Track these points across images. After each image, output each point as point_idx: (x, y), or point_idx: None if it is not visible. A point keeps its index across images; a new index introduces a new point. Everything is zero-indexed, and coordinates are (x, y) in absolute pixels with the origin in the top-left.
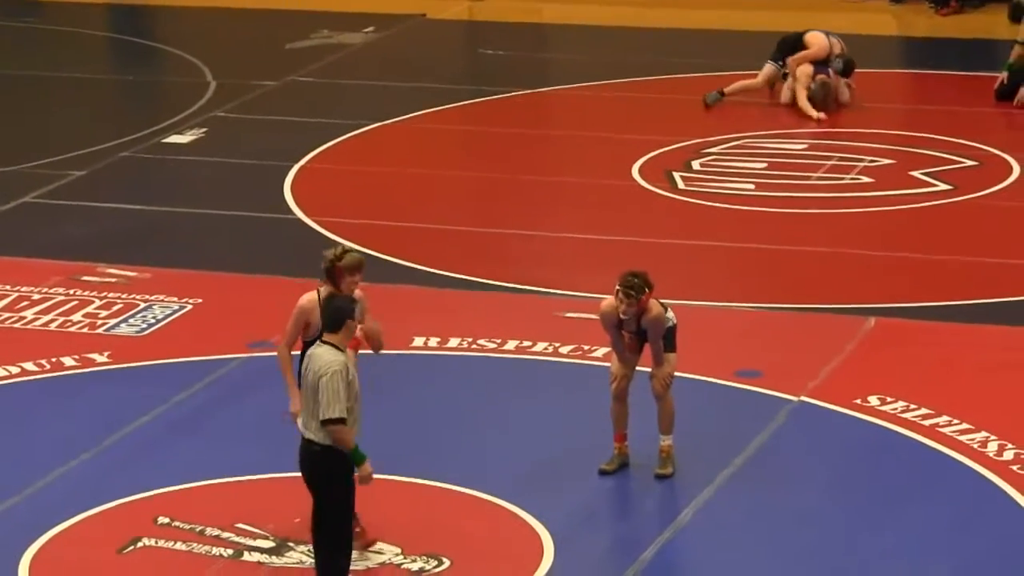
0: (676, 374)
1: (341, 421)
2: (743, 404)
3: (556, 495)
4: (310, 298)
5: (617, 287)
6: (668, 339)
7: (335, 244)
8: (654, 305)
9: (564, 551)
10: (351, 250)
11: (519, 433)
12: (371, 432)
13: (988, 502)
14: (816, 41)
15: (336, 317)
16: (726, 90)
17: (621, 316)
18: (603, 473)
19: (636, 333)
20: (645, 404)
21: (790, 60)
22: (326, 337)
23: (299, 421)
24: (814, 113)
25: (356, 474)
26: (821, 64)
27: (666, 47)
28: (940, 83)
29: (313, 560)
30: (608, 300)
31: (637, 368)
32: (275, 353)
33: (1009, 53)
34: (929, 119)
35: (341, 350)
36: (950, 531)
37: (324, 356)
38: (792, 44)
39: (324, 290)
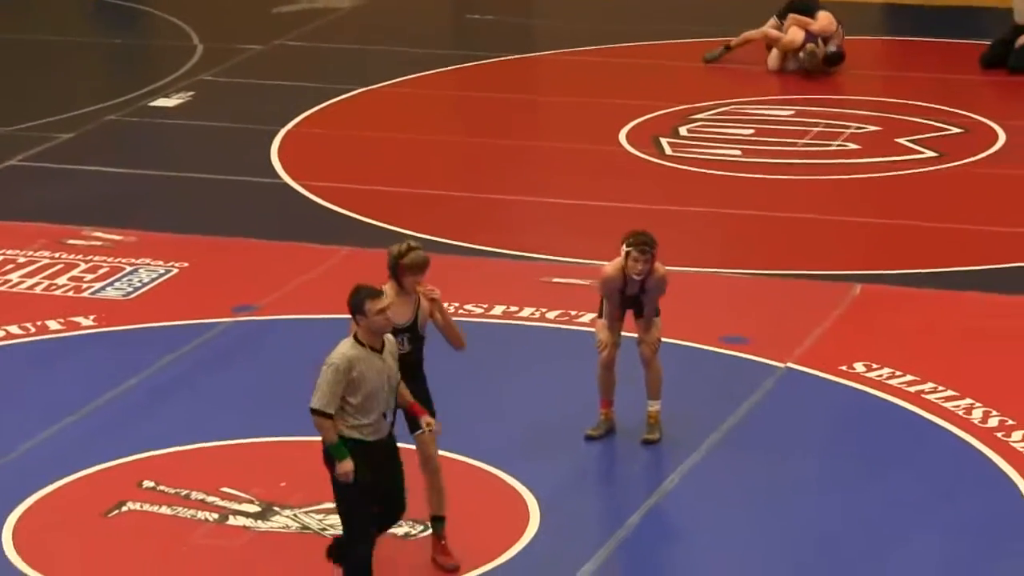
0: (669, 340)
1: (323, 414)
2: (729, 370)
3: (543, 461)
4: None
5: (628, 247)
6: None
7: (402, 239)
8: (659, 264)
9: (550, 516)
10: (416, 247)
11: (505, 399)
12: None
13: (973, 469)
14: (825, 19)
15: (350, 307)
16: (732, 43)
17: (635, 276)
18: (589, 439)
19: (634, 297)
20: (631, 370)
21: (790, 16)
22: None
23: None
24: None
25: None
26: (812, 38)
27: (654, 12)
28: (927, 50)
29: (298, 524)
30: (614, 264)
31: (621, 334)
32: (260, 317)
33: (994, 20)
34: (916, 86)
35: (360, 343)
36: (935, 498)
37: (337, 347)
38: (801, 9)
39: (389, 287)
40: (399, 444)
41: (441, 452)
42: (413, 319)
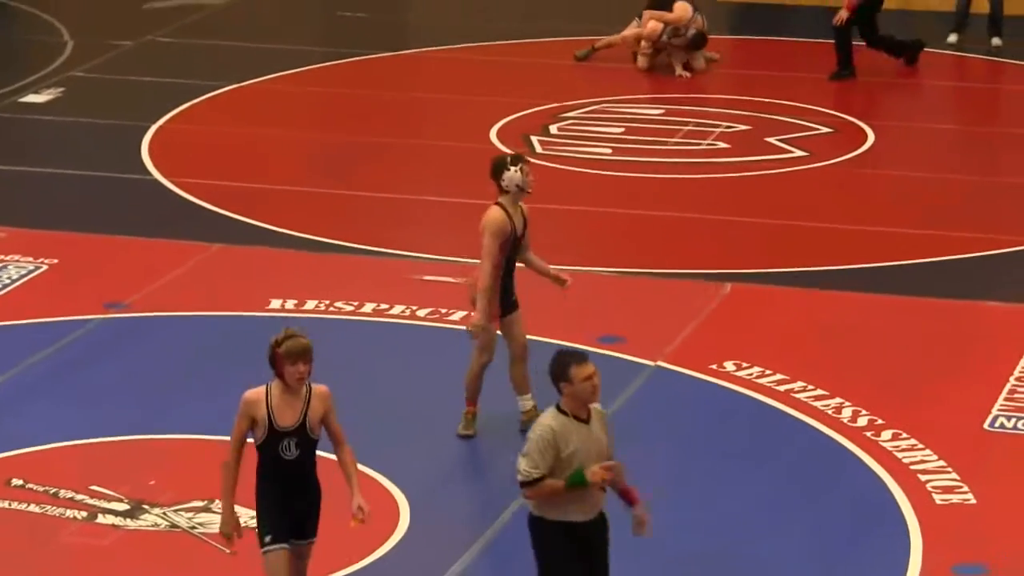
0: (540, 339)
1: (535, 482)
2: (601, 369)
3: (412, 458)
4: (256, 392)
5: (514, 164)
6: None
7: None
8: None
9: (420, 514)
10: (294, 333)
11: (375, 396)
12: (228, 395)
13: (842, 467)
14: (681, 9)
15: (552, 375)
16: (596, 45)
17: (529, 191)
18: (462, 437)
19: (520, 238)
20: (497, 366)
21: (645, 13)
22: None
23: None
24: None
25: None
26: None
27: (527, 10)
28: (797, 50)
29: (167, 522)
30: (497, 212)
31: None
32: (131, 315)
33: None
34: (785, 86)
35: (564, 412)
36: (804, 496)
37: (540, 418)
38: (660, 4)
39: (275, 385)
40: None
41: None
42: (300, 421)
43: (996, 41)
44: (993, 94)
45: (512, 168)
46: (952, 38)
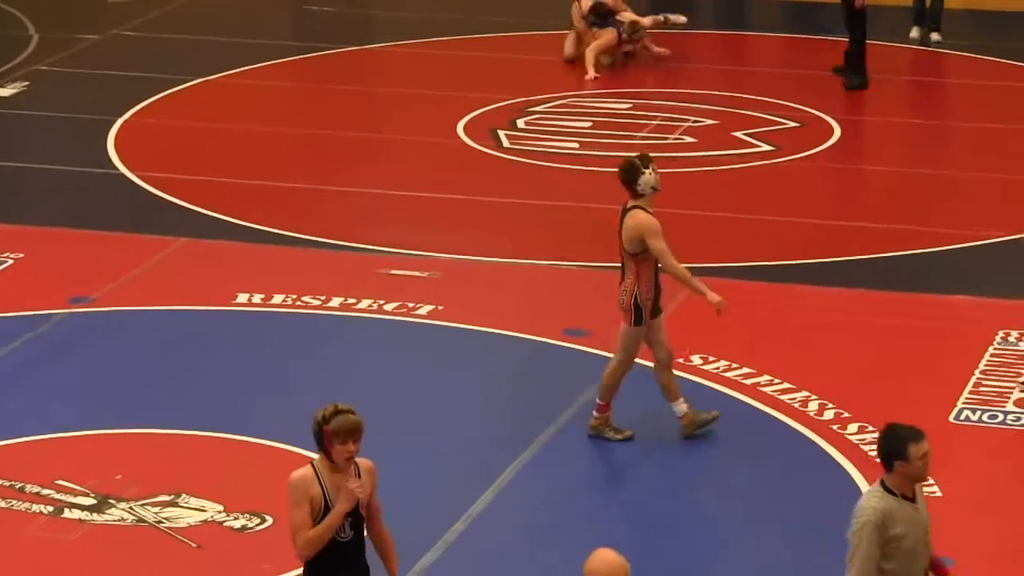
0: (506, 333)
1: None
2: (569, 363)
3: (380, 453)
4: (304, 473)
5: (646, 166)
6: None
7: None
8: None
9: (384, 510)
10: (344, 409)
11: (342, 390)
12: (195, 389)
13: (809, 460)
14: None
15: (885, 451)
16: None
17: (659, 188)
18: (624, 440)
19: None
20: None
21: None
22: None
23: None
24: (591, 73)
25: None
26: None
27: (494, 4)
28: (764, 44)
29: (134, 517)
30: (644, 214)
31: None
32: (97, 309)
33: (831, 15)
34: (752, 81)
35: (891, 491)
36: (771, 488)
37: (863, 499)
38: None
39: (320, 461)
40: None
41: (278, 444)
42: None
43: (935, 36)
44: (960, 89)
45: (647, 171)
46: (914, 33)
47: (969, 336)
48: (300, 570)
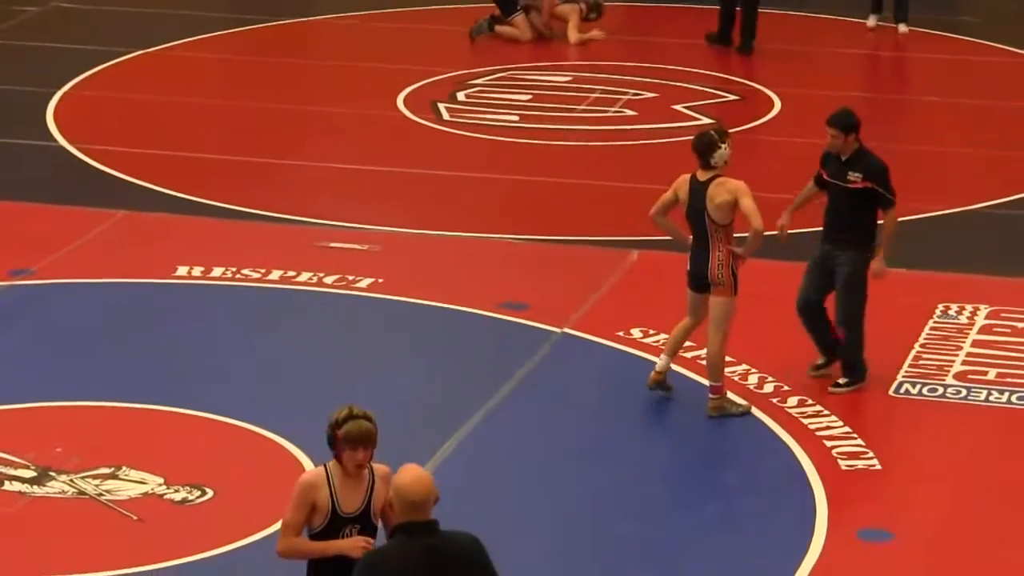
0: (443, 306)
1: None
2: (507, 336)
3: (319, 425)
4: (315, 474)
5: (723, 140)
6: None
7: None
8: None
9: None
10: (358, 415)
11: (282, 363)
12: (135, 361)
13: (748, 433)
14: None
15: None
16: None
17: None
18: (744, 414)
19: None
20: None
21: None
22: None
23: None
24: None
25: None
26: None
27: None
28: (704, 17)
29: (74, 489)
30: (729, 179)
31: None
32: (36, 281)
33: None
34: (693, 54)
35: None
36: (709, 462)
37: None
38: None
39: (333, 466)
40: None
41: (219, 417)
42: (364, 506)
43: (903, 28)
44: (900, 62)
45: (723, 145)
46: (871, 21)
47: (910, 309)
48: (243, 541)
